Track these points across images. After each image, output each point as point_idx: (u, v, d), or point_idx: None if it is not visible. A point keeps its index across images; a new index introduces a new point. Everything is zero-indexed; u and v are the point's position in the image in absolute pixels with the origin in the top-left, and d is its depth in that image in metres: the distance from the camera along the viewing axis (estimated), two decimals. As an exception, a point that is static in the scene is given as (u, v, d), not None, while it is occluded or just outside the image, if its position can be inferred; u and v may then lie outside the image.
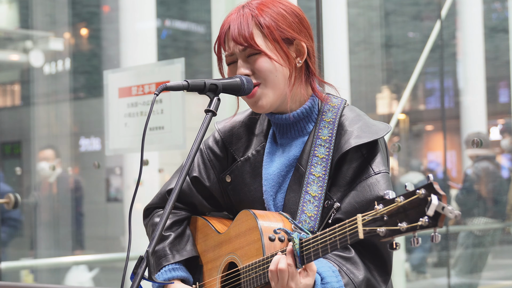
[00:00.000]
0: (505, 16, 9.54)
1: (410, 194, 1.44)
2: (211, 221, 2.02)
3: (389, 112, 11.77)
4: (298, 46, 1.89)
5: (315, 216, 1.82)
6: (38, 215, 8.55)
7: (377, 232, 1.47)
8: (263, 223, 1.81)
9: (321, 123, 1.89)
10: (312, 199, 1.83)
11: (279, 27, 1.86)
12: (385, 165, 1.84)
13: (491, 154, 6.58)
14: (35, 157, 8.75)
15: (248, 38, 1.84)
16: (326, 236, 1.61)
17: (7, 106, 13.34)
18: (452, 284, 6.08)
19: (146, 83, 3.47)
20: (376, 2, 9.39)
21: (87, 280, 7.02)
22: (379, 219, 1.48)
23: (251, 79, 1.87)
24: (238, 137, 2.01)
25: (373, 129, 1.85)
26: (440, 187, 1.44)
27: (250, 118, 2.03)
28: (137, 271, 1.65)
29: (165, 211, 1.71)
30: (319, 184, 1.83)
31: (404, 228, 1.44)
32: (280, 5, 1.88)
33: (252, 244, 1.82)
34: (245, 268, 1.82)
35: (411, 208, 1.43)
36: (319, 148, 1.86)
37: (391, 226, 1.46)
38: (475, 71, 9.37)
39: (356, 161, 1.83)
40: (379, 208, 1.49)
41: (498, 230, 6.40)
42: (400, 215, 1.45)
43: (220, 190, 2.02)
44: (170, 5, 12.38)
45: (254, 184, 1.95)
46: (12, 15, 11.46)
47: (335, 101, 1.93)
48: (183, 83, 1.79)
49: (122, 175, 10.05)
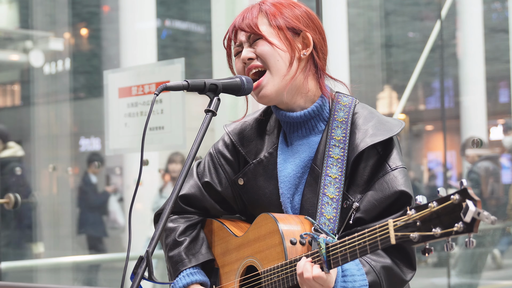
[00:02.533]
0: (505, 16, 9.54)
1: (444, 199, 1.43)
2: (226, 224, 2.00)
3: (389, 112, 11.77)
4: (304, 38, 1.89)
5: (334, 218, 1.81)
6: (38, 215, 8.55)
7: (410, 237, 1.47)
8: (284, 226, 1.80)
9: (333, 123, 1.89)
10: (330, 201, 1.82)
11: (285, 16, 1.88)
12: (401, 160, 1.84)
13: (493, 154, 6.58)
14: (35, 157, 8.75)
15: (252, 25, 1.87)
16: (355, 240, 1.60)
17: (7, 106, 13.34)
18: (452, 284, 6.08)
19: (146, 83, 3.47)
20: (376, 2, 9.39)
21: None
22: (412, 225, 1.47)
23: (250, 79, 1.88)
24: (249, 139, 2.00)
25: (387, 126, 1.85)
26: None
27: (260, 119, 2.02)
28: (137, 271, 1.65)
29: (165, 210, 1.71)
30: (336, 185, 1.83)
31: (438, 234, 1.43)
32: (290, 2, 1.92)
33: (273, 247, 1.81)
34: (267, 272, 1.81)
35: (445, 213, 1.42)
36: (334, 148, 1.86)
37: (425, 231, 1.45)
38: (475, 71, 9.37)
39: (372, 159, 1.83)
40: (411, 213, 1.48)
41: (498, 230, 6.40)
42: (434, 221, 1.44)
43: (232, 194, 2.01)
44: (170, 5, 12.38)
45: (269, 186, 1.94)
46: (12, 15, 11.46)
47: (346, 100, 1.93)
48: (183, 83, 1.79)
49: (122, 175, 10.05)
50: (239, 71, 1.92)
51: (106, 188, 9.93)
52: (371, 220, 1.79)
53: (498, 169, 6.64)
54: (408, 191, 1.79)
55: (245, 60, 1.88)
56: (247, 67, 1.89)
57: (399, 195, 1.79)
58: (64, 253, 8.56)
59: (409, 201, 1.79)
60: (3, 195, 4.48)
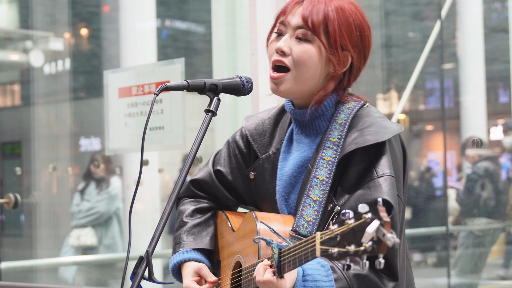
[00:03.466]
0: (505, 16, 9.54)
1: (359, 216, 1.41)
2: (229, 217, 2.03)
3: (389, 112, 11.76)
4: (344, 56, 1.87)
5: (313, 221, 1.79)
6: (38, 215, 8.55)
7: (329, 252, 1.45)
8: (262, 226, 1.81)
9: (333, 125, 1.87)
10: (313, 203, 1.81)
11: (340, 31, 1.84)
12: (390, 168, 1.79)
13: (493, 154, 6.58)
14: (35, 157, 8.75)
15: (315, 23, 1.83)
16: (296, 249, 1.59)
17: (7, 106, 13.34)
18: (452, 284, 6.08)
19: (146, 83, 3.47)
20: (376, 2, 9.38)
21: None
22: (334, 239, 1.45)
23: (251, 79, 1.87)
24: (262, 134, 2.01)
25: (382, 131, 1.81)
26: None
27: (276, 115, 2.03)
28: (137, 271, 1.65)
29: (165, 209, 1.72)
30: (322, 187, 1.81)
31: (351, 251, 1.41)
32: (352, 13, 1.87)
33: (251, 246, 1.83)
34: (246, 270, 1.83)
35: (359, 230, 1.40)
36: (327, 150, 1.84)
37: (342, 247, 1.43)
38: (475, 71, 9.36)
39: (362, 164, 1.80)
40: (333, 228, 1.46)
41: (498, 230, 6.40)
42: (350, 237, 1.42)
43: (243, 186, 2.03)
44: (170, 5, 12.37)
45: (272, 183, 1.95)
46: (12, 15, 11.46)
47: (352, 104, 1.90)
48: (183, 83, 1.79)
49: (122, 175, 10.05)
50: (270, 54, 1.90)
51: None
52: None
53: (498, 169, 6.64)
54: (390, 200, 1.74)
55: (278, 50, 1.86)
56: (274, 58, 1.87)
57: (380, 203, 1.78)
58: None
59: (389, 211, 1.74)
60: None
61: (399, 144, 1.89)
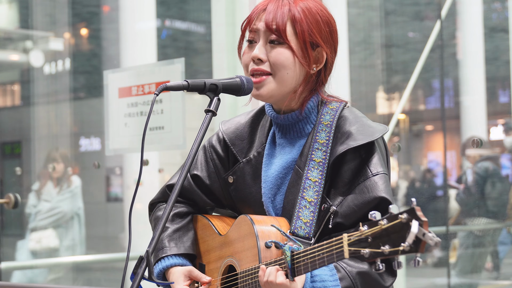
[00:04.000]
0: (505, 16, 9.53)
1: (393, 217, 1.44)
2: (213, 221, 2.02)
3: (389, 112, 11.76)
4: (319, 53, 1.90)
5: (310, 222, 1.81)
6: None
7: (361, 253, 1.48)
8: (260, 228, 1.81)
9: (319, 126, 1.89)
10: (308, 204, 1.82)
11: (310, 30, 1.86)
12: (383, 166, 1.84)
13: (494, 154, 6.58)
14: (35, 157, 8.75)
15: (280, 28, 1.85)
16: (315, 251, 1.61)
17: (7, 106, 13.34)
18: (452, 284, 6.08)
19: (146, 83, 3.47)
20: (376, 2, 9.38)
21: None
22: (364, 240, 1.48)
23: (251, 79, 1.88)
24: (241, 138, 2.01)
25: (370, 130, 1.84)
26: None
27: (254, 119, 2.03)
28: (137, 271, 1.65)
29: (166, 209, 1.71)
30: (315, 189, 1.83)
31: (387, 252, 1.44)
32: (318, 10, 1.89)
33: (249, 249, 1.82)
34: (243, 273, 1.82)
35: (393, 231, 1.44)
36: (316, 152, 1.86)
37: (375, 248, 1.46)
38: (475, 71, 9.35)
39: (354, 162, 1.83)
40: (363, 229, 1.49)
41: (498, 230, 6.40)
42: (384, 238, 1.45)
43: (221, 190, 2.03)
44: (170, 5, 12.37)
45: (255, 186, 1.95)
46: (12, 15, 11.45)
47: (334, 104, 1.92)
48: (183, 83, 1.79)
49: (122, 175, 10.05)
50: (245, 63, 1.91)
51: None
52: (350, 225, 1.78)
53: (498, 169, 6.64)
54: (388, 197, 1.79)
55: (254, 58, 1.87)
56: (252, 67, 1.88)
57: (379, 201, 1.79)
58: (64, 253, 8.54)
59: (387, 208, 1.79)
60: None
61: (383, 144, 1.92)
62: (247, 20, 1.93)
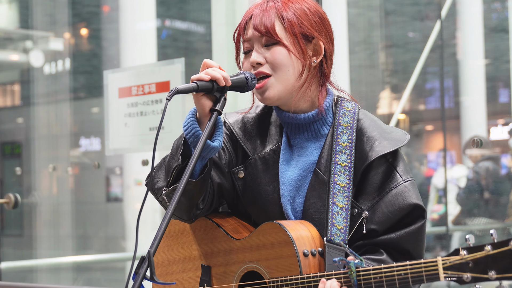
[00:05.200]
0: (505, 16, 9.53)
1: (501, 244, 1.48)
2: (221, 224, 1.97)
3: (389, 112, 11.75)
4: (316, 45, 1.89)
5: (344, 228, 1.80)
6: (38, 215, 8.55)
7: (463, 278, 1.51)
8: (295, 236, 1.78)
9: (338, 128, 1.88)
10: (340, 210, 1.81)
11: (300, 22, 1.86)
12: (410, 172, 1.86)
13: (495, 154, 6.57)
14: (35, 157, 8.75)
15: (269, 28, 1.85)
16: (394, 270, 1.61)
17: (7, 106, 13.33)
18: (452, 284, 6.07)
19: (146, 83, 3.47)
20: (376, 2, 9.38)
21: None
22: (464, 265, 1.51)
23: (254, 75, 1.87)
24: (251, 133, 1.98)
25: (394, 135, 1.87)
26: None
27: (262, 115, 2.01)
28: (138, 271, 1.65)
29: (168, 210, 1.69)
30: (345, 194, 1.82)
31: (493, 277, 1.48)
32: (304, 3, 1.90)
33: (283, 258, 1.79)
34: (275, 282, 1.79)
35: (501, 257, 1.47)
36: (340, 155, 1.85)
37: (478, 273, 1.50)
38: (475, 71, 9.36)
39: (382, 167, 1.84)
40: (463, 254, 1.51)
41: (498, 230, 6.40)
42: (489, 264, 1.49)
43: (229, 185, 1.97)
44: (170, 5, 12.37)
45: (270, 184, 1.92)
46: (12, 15, 11.45)
47: (350, 105, 1.92)
48: (192, 85, 1.78)
49: (122, 175, 10.04)
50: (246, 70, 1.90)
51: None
52: (384, 231, 1.79)
53: (499, 169, 6.64)
54: (421, 204, 1.82)
55: (253, 64, 1.87)
56: (253, 72, 1.88)
57: (413, 208, 1.81)
58: (64, 253, 8.55)
59: (422, 214, 1.83)
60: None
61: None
62: (238, 30, 1.93)
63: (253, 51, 1.89)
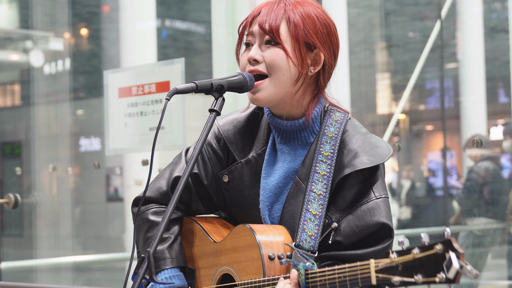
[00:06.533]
0: (505, 16, 9.53)
1: (427, 248, 1.46)
2: (204, 227, 1.98)
3: (389, 112, 11.76)
4: (316, 55, 1.88)
5: (315, 235, 1.80)
6: (38, 215, 8.55)
7: (391, 281, 1.49)
8: (262, 239, 1.79)
9: (323, 137, 1.87)
10: (313, 217, 1.81)
11: (306, 29, 1.85)
12: (385, 190, 1.84)
13: (495, 154, 6.57)
14: (35, 157, 8.75)
15: (273, 28, 1.84)
16: (335, 272, 1.60)
17: (7, 106, 13.33)
18: (452, 284, 6.07)
19: (146, 83, 3.47)
20: (376, 2, 9.38)
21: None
22: (394, 268, 1.50)
23: (252, 76, 1.87)
24: (240, 137, 1.98)
25: (377, 151, 1.84)
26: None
27: (252, 117, 2.00)
28: (138, 271, 1.65)
29: (167, 210, 1.70)
30: (320, 202, 1.82)
31: (420, 281, 1.46)
32: (315, 11, 1.88)
33: (251, 261, 1.80)
34: (244, 285, 1.80)
35: (427, 261, 1.45)
36: (321, 164, 1.84)
37: (406, 277, 1.47)
38: (475, 71, 9.36)
39: (357, 183, 1.82)
40: (393, 257, 1.50)
41: (498, 230, 6.40)
42: (416, 268, 1.47)
43: (216, 189, 1.99)
44: (170, 5, 12.37)
45: (253, 188, 1.92)
46: (12, 15, 11.45)
47: (338, 115, 1.91)
48: (191, 85, 1.78)
49: (122, 175, 10.04)
50: (242, 66, 1.91)
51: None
52: (348, 246, 1.78)
53: (499, 169, 6.63)
54: (390, 224, 1.79)
55: (250, 59, 1.87)
56: (249, 68, 1.87)
57: (380, 227, 1.79)
58: (64, 253, 8.55)
59: (389, 234, 1.80)
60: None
61: (383, 165, 1.90)
62: (244, 23, 1.93)
63: (253, 46, 1.88)
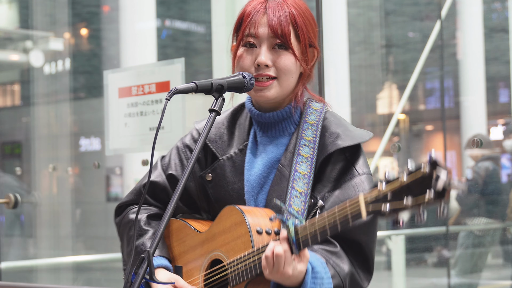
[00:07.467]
0: (505, 16, 9.53)
1: (414, 171, 1.44)
2: (189, 222, 1.99)
3: (389, 112, 11.76)
4: (313, 52, 1.94)
5: (302, 211, 1.82)
6: (38, 215, 8.55)
7: (381, 210, 1.47)
8: (250, 216, 1.81)
9: (304, 125, 1.92)
10: (299, 195, 1.83)
11: (308, 32, 1.91)
12: (367, 167, 1.88)
13: (495, 154, 6.57)
14: (35, 157, 8.75)
15: (286, 34, 1.87)
16: (325, 219, 1.62)
17: (7, 106, 13.34)
18: (452, 284, 6.08)
19: (146, 83, 3.47)
20: (376, 2, 9.38)
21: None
22: (383, 198, 1.48)
23: (253, 76, 1.88)
24: (220, 135, 2.01)
25: (356, 133, 1.89)
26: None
27: (232, 116, 2.04)
28: (138, 271, 1.65)
29: (167, 210, 1.70)
30: (305, 181, 1.85)
31: (409, 204, 1.43)
32: (307, 10, 1.93)
33: (239, 238, 1.81)
34: (232, 263, 1.81)
35: (415, 184, 1.43)
36: (304, 147, 1.88)
37: (396, 201, 1.45)
38: (475, 71, 9.36)
39: (340, 163, 1.87)
40: (381, 188, 1.48)
41: (498, 230, 6.40)
42: (405, 192, 1.44)
43: (195, 189, 2.01)
44: (170, 5, 12.38)
45: (237, 183, 1.94)
46: (12, 15, 11.46)
47: (318, 106, 1.96)
48: (191, 85, 1.79)
49: (122, 175, 10.05)
50: (245, 67, 1.91)
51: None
52: None
53: (499, 169, 6.64)
54: None
55: (261, 65, 1.88)
56: (258, 72, 1.88)
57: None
58: (64, 253, 8.56)
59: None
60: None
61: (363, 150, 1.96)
62: (245, 21, 1.91)
63: (261, 50, 1.88)
